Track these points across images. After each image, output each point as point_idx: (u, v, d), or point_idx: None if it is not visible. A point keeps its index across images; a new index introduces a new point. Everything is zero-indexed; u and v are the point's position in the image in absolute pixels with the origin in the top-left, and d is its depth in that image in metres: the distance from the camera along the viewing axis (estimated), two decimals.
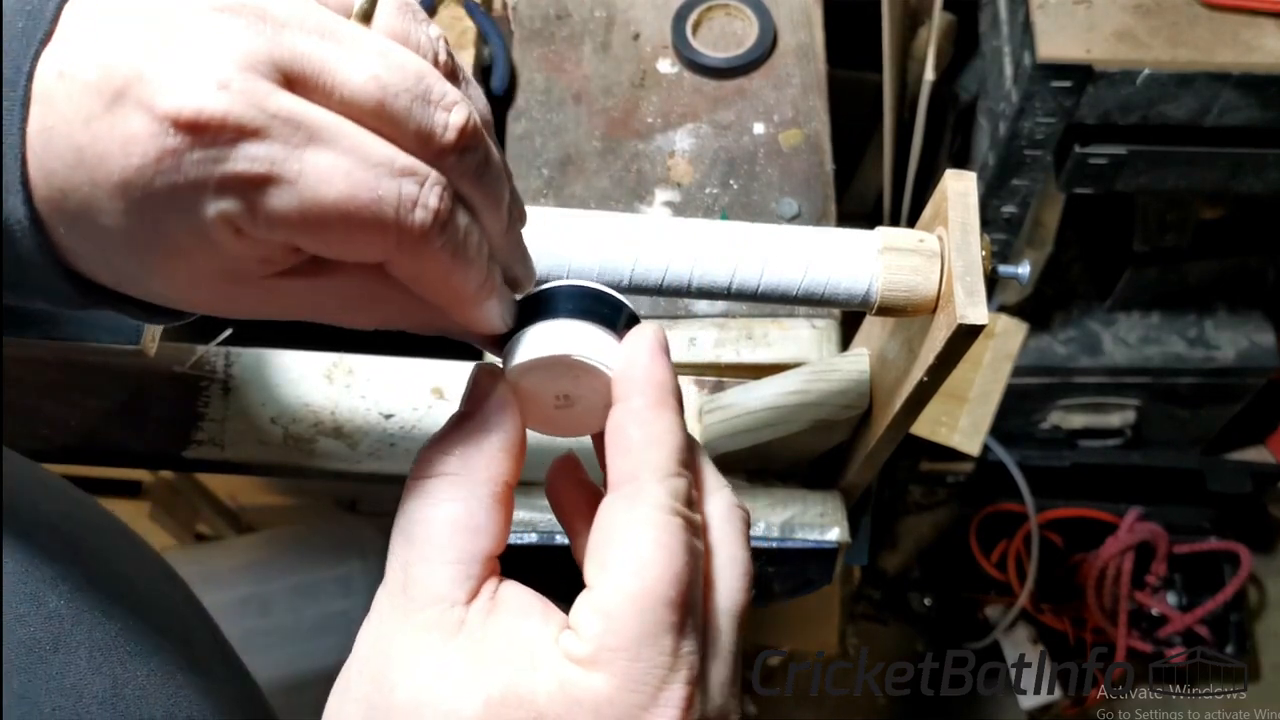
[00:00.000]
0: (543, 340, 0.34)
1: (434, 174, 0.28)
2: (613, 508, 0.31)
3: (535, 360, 0.33)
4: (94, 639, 0.38)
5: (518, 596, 0.31)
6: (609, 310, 0.35)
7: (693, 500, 0.31)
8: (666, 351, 0.34)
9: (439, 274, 0.30)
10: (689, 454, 0.33)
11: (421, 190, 0.28)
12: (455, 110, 0.29)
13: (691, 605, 0.30)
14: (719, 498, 0.34)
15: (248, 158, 0.25)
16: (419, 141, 0.28)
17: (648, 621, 0.29)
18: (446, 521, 0.31)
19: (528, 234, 0.46)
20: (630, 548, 0.29)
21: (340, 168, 0.26)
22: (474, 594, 0.31)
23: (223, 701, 0.42)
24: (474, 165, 0.30)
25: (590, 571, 0.30)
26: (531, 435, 0.35)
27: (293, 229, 0.27)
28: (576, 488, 0.37)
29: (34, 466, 0.44)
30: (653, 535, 0.29)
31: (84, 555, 0.40)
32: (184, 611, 0.47)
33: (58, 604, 0.37)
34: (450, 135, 0.28)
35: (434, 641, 0.30)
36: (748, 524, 0.34)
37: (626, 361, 0.33)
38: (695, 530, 0.31)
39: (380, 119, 0.27)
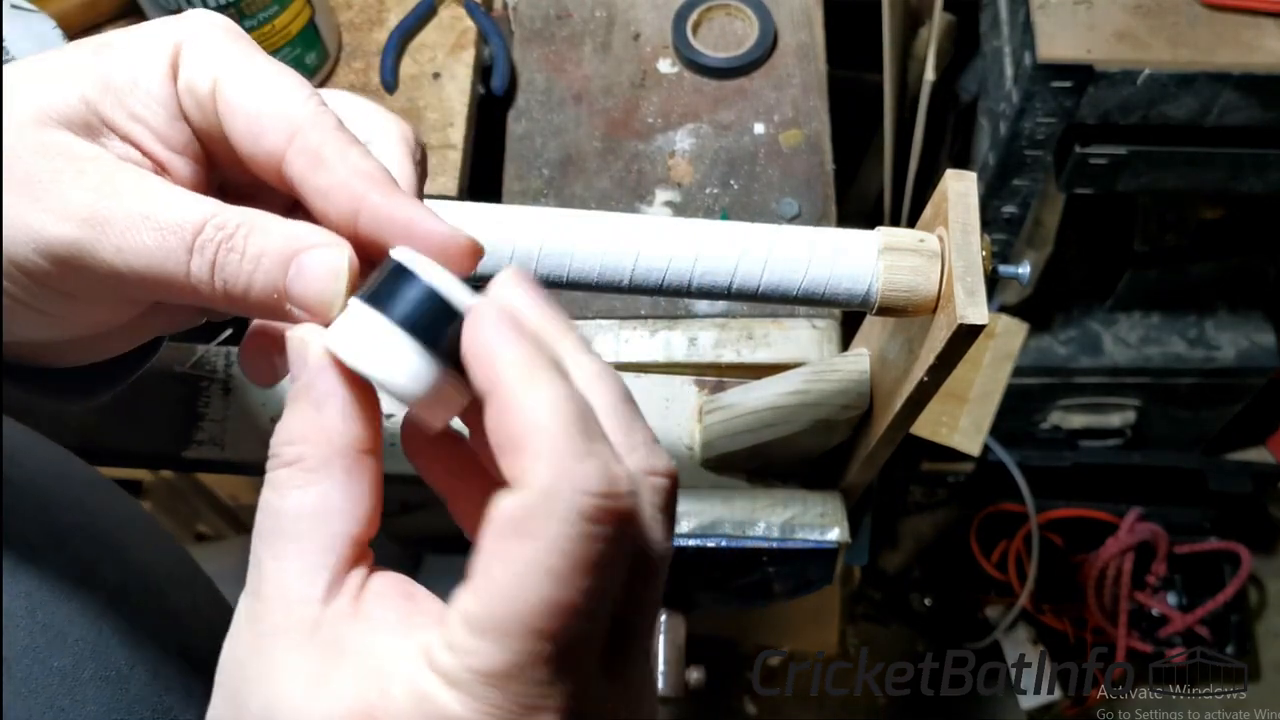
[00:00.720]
0: (352, 342, 0.28)
1: None
2: (505, 510, 0.25)
3: (343, 360, 0.28)
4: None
5: (384, 591, 0.28)
6: (439, 327, 0.28)
7: (616, 480, 0.26)
8: (517, 317, 0.27)
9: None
10: (591, 421, 0.26)
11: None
12: None
13: (582, 631, 0.25)
14: (659, 465, 0.28)
15: None
16: None
17: (519, 650, 0.24)
18: (294, 510, 0.27)
19: (529, 234, 0.46)
20: (513, 565, 0.25)
21: None
22: (333, 588, 0.27)
23: None
24: None
25: (475, 566, 0.26)
26: None
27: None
28: (436, 444, 0.32)
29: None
30: (535, 552, 0.24)
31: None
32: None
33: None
34: None
35: (286, 648, 0.26)
36: (671, 500, 0.28)
37: (474, 352, 0.27)
38: (617, 540, 0.25)
39: None
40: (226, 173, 0.33)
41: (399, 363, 0.27)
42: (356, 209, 0.29)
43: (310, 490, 0.27)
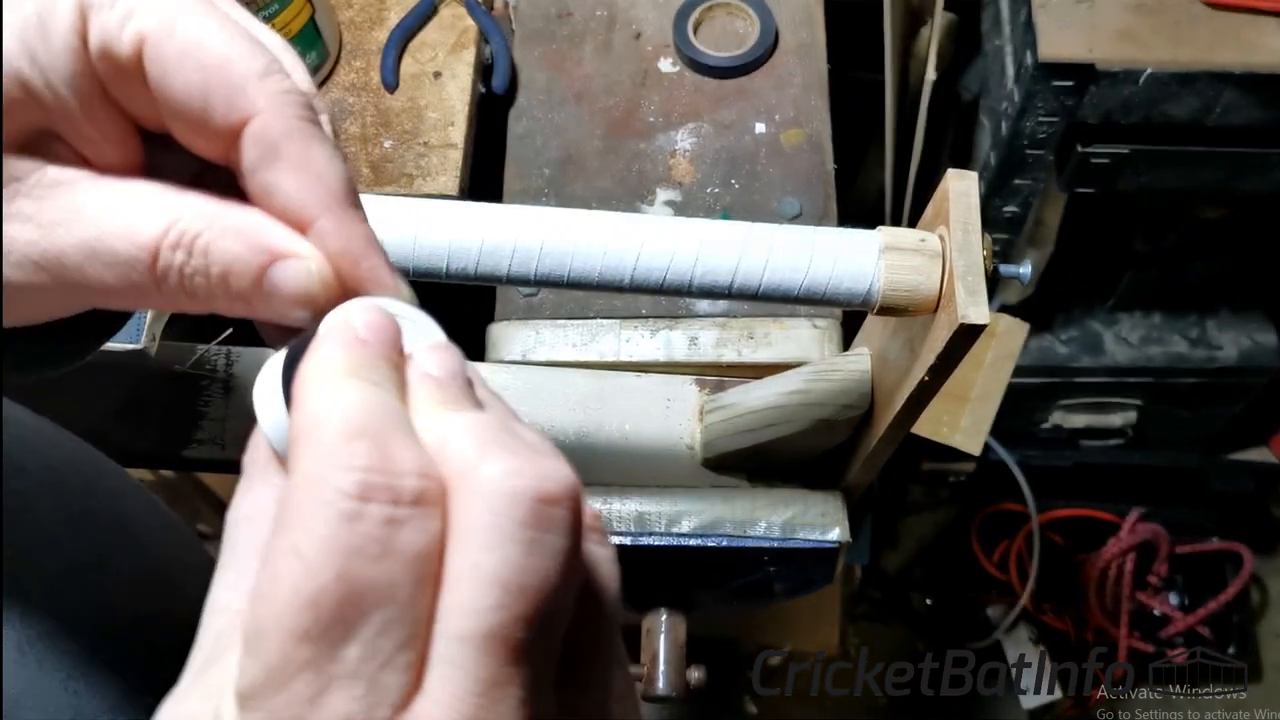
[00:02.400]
0: (259, 385, 0.27)
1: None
2: (281, 500, 0.23)
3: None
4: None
5: None
6: None
7: (396, 474, 0.22)
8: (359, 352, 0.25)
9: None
10: (386, 420, 0.23)
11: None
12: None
13: (348, 631, 0.21)
14: (482, 476, 0.23)
15: None
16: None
17: (273, 660, 0.21)
18: (235, 518, 0.26)
19: (530, 233, 0.46)
20: (266, 561, 0.22)
21: None
22: None
23: None
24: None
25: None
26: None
27: None
28: None
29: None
30: (288, 541, 0.22)
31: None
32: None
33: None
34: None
35: (204, 658, 0.25)
36: (541, 510, 0.23)
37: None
38: (390, 522, 0.22)
39: None
40: (142, 120, 0.28)
41: (272, 421, 0.26)
42: (305, 222, 0.27)
43: (247, 497, 0.26)
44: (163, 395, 0.64)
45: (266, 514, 0.25)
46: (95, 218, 0.26)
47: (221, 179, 0.28)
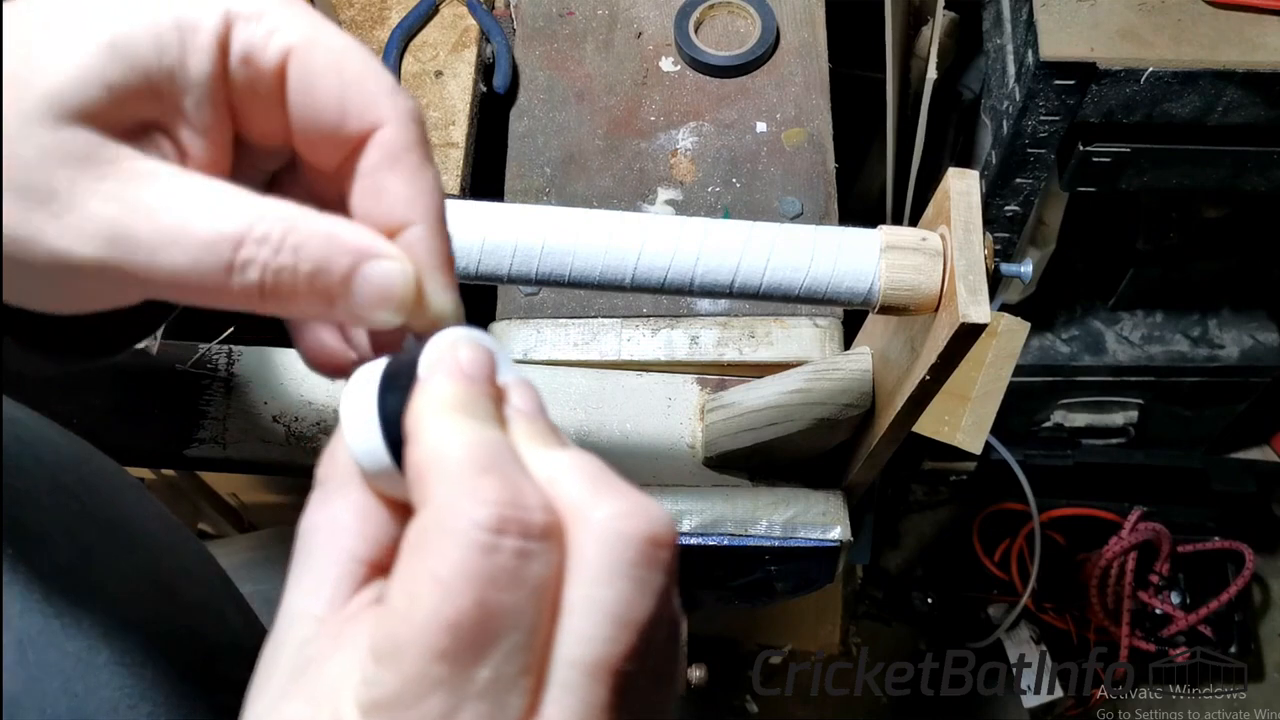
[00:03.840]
0: (347, 402, 0.28)
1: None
2: (406, 535, 0.25)
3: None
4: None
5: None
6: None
7: (526, 509, 0.24)
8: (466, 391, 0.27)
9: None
10: (504, 456, 0.25)
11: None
12: None
13: (481, 653, 0.23)
14: (597, 516, 0.25)
15: None
16: None
17: (410, 675, 0.23)
18: (308, 527, 0.27)
19: (531, 233, 0.46)
20: (402, 582, 0.24)
21: None
22: (334, 606, 0.26)
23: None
24: None
25: (388, 595, 0.25)
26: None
27: None
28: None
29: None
30: (427, 567, 0.23)
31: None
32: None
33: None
34: None
35: (279, 660, 0.26)
36: (650, 551, 0.25)
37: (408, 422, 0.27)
38: (521, 554, 0.24)
39: None
40: (247, 128, 0.29)
41: (365, 438, 0.27)
42: (401, 226, 0.28)
43: (325, 508, 0.27)
44: (164, 394, 0.64)
45: (346, 527, 0.27)
46: (181, 205, 0.26)
47: (293, 193, 0.29)
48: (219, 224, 0.26)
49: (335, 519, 0.27)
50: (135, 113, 0.26)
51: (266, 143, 0.29)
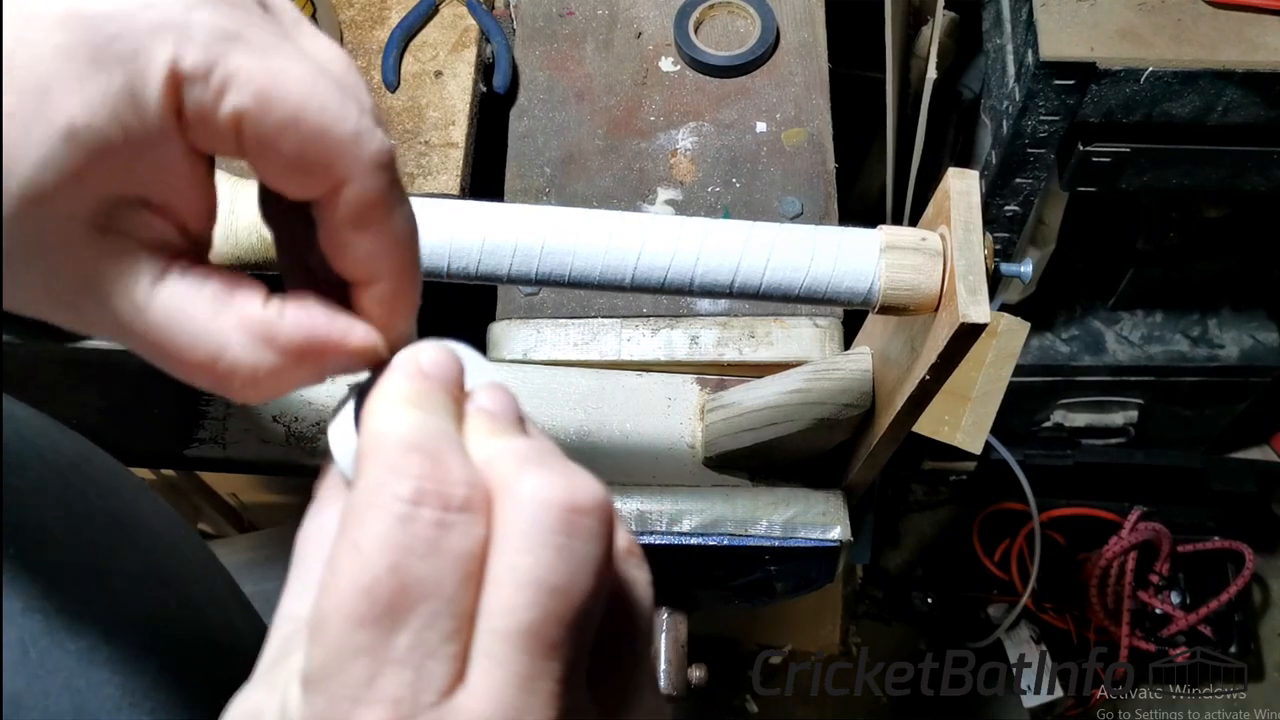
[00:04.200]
0: (334, 426, 0.30)
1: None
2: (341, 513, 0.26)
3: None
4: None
5: None
6: None
7: (448, 482, 0.25)
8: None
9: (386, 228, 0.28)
10: (440, 438, 0.26)
11: (378, 134, 0.27)
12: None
13: (399, 620, 0.24)
14: (520, 489, 0.25)
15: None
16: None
17: (333, 645, 0.23)
18: (304, 538, 0.29)
19: (531, 233, 0.46)
20: (330, 558, 0.25)
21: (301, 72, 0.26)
22: None
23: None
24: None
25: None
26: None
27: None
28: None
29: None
30: (348, 538, 0.24)
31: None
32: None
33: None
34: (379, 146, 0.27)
35: (259, 666, 0.28)
36: (571, 519, 0.25)
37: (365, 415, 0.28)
38: (439, 525, 0.24)
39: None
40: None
41: (345, 451, 0.30)
42: (365, 281, 0.29)
43: (316, 518, 0.29)
44: (164, 394, 0.64)
45: (331, 533, 0.27)
46: (157, 335, 0.27)
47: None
48: (196, 355, 0.27)
49: (324, 526, 0.28)
50: (108, 191, 0.26)
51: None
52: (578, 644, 0.25)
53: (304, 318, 0.28)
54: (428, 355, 0.29)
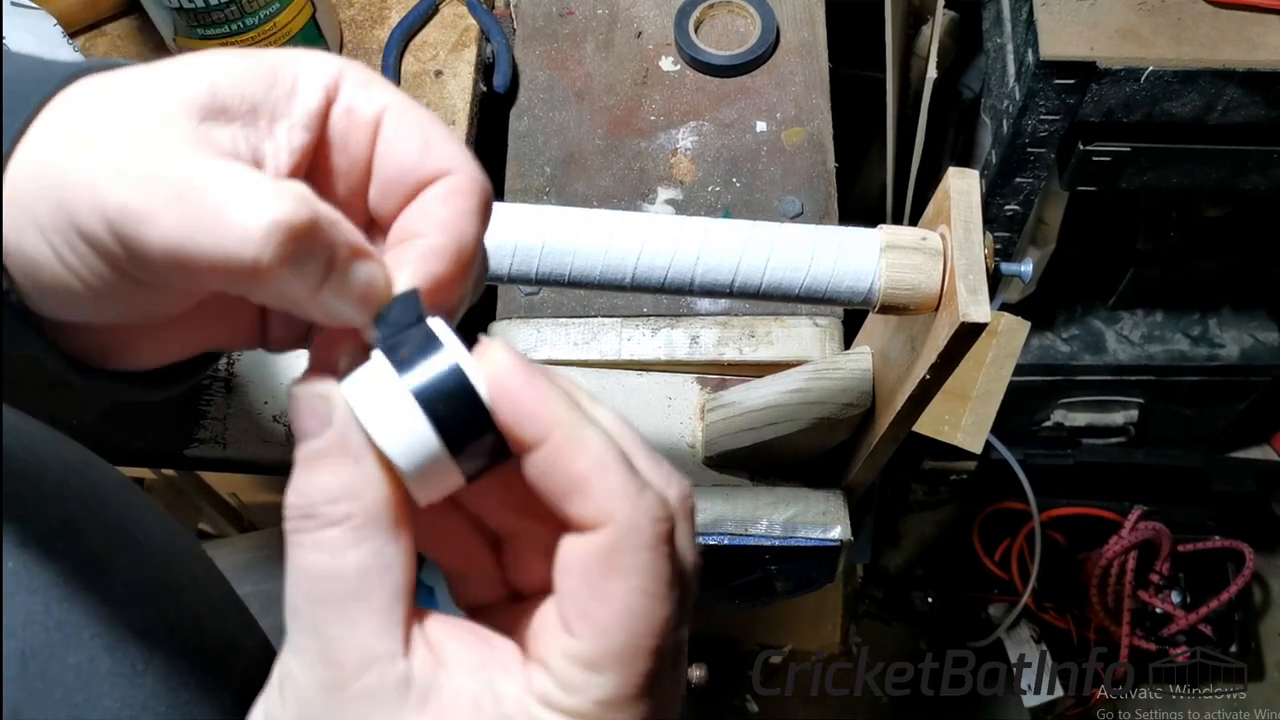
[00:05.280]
0: (368, 401, 0.27)
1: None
2: (590, 551, 0.27)
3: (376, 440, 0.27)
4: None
5: (455, 634, 0.28)
6: (457, 410, 0.27)
7: (670, 510, 0.28)
8: (532, 367, 0.28)
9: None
10: (629, 462, 0.28)
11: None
12: None
13: (672, 648, 0.28)
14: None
15: None
16: None
17: (634, 674, 0.27)
18: (355, 570, 0.27)
19: (531, 232, 0.46)
20: (614, 601, 0.27)
21: None
22: (407, 640, 0.27)
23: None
24: None
25: (567, 609, 0.27)
26: None
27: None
28: (452, 518, 0.32)
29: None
30: (639, 586, 0.27)
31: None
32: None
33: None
34: None
35: (386, 709, 0.26)
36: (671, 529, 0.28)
37: (521, 404, 0.28)
38: (676, 553, 0.28)
39: None
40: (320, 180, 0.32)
41: (409, 437, 0.27)
42: (419, 261, 0.30)
43: (365, 547, 0.27)
44: (184, 374, 0.64)
45: (392, 563, 0.27)
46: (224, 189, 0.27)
47: None
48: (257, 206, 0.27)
49: (381, 555, 0.27)
50: (233, 113, 0.29)
51: (334, 195, 0.31)
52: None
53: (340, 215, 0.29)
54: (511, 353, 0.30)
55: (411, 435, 0.27)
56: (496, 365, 0.27)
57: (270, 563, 0.82)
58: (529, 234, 0.46)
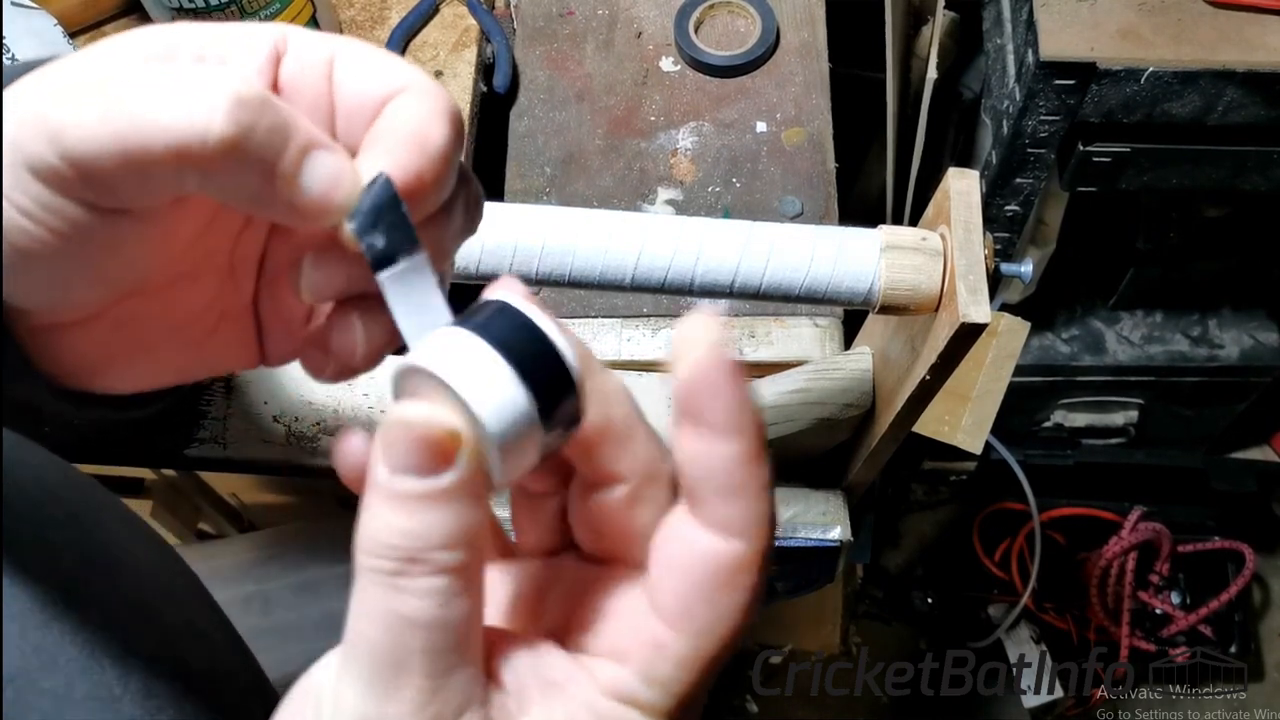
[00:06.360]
0: (456, 366, 0.24)
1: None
2: (721, 560, 0.27)
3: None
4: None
5: (514, 661, 0.28)
6: (546, 370, 0.25)
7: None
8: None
9: None
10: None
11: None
12: None
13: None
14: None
15: None
16: None
17: (702, 681, 0.28)
18: (463, 618, 0.25)
19: (532, 233, 0.46)
20: (718, 609, 0.27)
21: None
22: (493, 677, 0.27)
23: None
24: None
25: (666, 603, 0.27)
26: None
27: None
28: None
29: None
30: (743, 604, 0.28)
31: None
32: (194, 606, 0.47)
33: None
34: None
35: None
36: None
37: (711, 388, 0.27)
38: None
39: None
40: None
41: (503, 400, 0.24)
42: (384, 153, 0.29)
43: (473, 595, 0.26)
44: (163, 393, 0.64)
45: (476, 612, 0.26)
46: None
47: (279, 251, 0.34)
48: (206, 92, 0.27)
49: (479, 604, 0.26)
50: (182, 57, 0.29)
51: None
52: None
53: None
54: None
55: (505, 399, 0.24)
56: (703, 354, 0.28)
57: (270, 563, 0.82)
58: (529, 234, 0.46)
